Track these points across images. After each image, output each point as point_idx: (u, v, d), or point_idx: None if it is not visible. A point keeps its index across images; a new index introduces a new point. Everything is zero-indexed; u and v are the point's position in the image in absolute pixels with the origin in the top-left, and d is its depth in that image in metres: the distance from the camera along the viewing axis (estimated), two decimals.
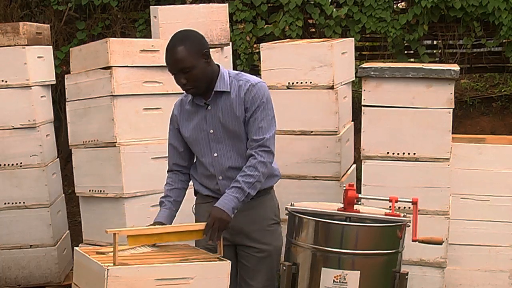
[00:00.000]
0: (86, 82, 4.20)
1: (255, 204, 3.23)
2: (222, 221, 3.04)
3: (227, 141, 3.19)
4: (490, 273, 4.22)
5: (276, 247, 3.31)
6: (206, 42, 3.14)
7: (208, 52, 3.10)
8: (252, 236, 3.27)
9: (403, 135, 3.85)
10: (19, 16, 6.88)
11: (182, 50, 3.04)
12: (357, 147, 4.37)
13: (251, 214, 3.24)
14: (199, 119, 3.20)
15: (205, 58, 3.09)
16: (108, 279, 2.88)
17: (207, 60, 3.10)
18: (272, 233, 3.30)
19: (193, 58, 3.05)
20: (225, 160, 3.19)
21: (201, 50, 3.07)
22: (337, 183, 4.34)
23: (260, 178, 3.12)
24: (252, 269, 3.30)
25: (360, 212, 3.09)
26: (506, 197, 4.16)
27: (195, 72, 3.06)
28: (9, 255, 4.79)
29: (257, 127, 3.13)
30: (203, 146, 3.23)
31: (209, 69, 3.12)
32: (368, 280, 2.95)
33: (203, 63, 3.08)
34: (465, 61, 6.77)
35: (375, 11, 6.51)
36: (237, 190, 3.08)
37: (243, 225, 3.25)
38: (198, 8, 4.96)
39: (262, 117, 3.14)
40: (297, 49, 4.40)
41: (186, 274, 3.02)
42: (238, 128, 3.16)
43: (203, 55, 3.08)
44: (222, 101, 3.16)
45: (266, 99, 3.16)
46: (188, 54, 3.04)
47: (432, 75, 3.78)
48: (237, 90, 3.15)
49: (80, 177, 4.30)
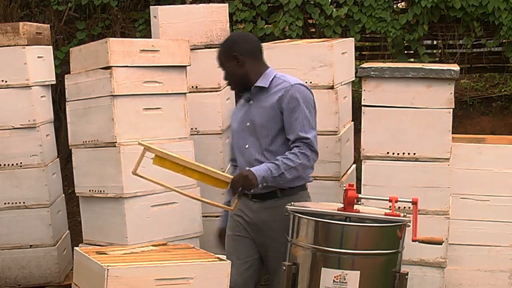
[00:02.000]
0: (86, 82, 4.20)
1: (280, 203, 3.28)
2: (248, 180, 3.22)
3: (257, 134, 3.40)
4: (490, 273, 4.22)
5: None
6: (239, 46, 3.45)
7: (237, 55, 3.41)
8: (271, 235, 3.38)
9: (403, 135, 3.85)
10: (19, 16, 6.88)
11: (220, 50, 3.50)
12: (357, 147, 4.37)
13: (275, 213, 3.34)
14: (243, 112, 3.49)
15: (234, 60, 3.41)
16: (108, 279, 2.88)
17: (238, 62, 3.41)
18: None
19: (224, 59, 3.45)
20: (254, 152, 3.38)
21: (230, 53, 3.43)
22: (337, 183, 4.34)
23: (299, 167, 3.29)
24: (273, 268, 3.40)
25: (360, 212, 3.09)
26: (506, 197, 4.16)
27: (227, 70, 3.46)
28: (9, 255, 4.79)
29: (300, 127, 3.31)
30: (241, 138, 3.48)
31: (241, 70, 3.43)
32: (368, 280, 2.95)
33: (233, 64, 3.42)
34: (465, 61, 6.78)
35: (375, 11, 6.52)
36: (273, 165, 3.26)
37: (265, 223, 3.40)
38: (198, 8, 4.96)
39: (301, 118, 3.32)
40: (297, 49, 4.41)
41: (186, 274, 3.02)
42: (267, 123, 3.37)
43: (232, 57, 3.41)
44: (261, 97, 3.42)
45: (304, 100, 3.35)
46: (221, 54, 3.47)
47: (432, 75, 3.78)
48: (275, 88, 3.40)
49: (80, 177, 4.30)
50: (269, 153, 3.37)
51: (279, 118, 3.36)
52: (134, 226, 4.08)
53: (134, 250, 3.40)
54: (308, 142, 3.31)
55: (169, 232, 4.14)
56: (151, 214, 4.15)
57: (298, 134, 3.31)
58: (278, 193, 3.40)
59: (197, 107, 4.59)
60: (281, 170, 3.25)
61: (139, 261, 3.10)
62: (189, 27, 4.77)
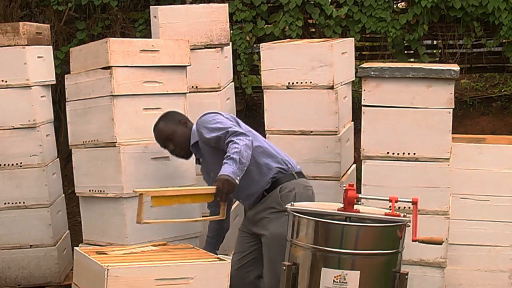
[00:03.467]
0: (86, 82, 4.19)
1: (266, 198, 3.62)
2: (230, 183, 3.37)
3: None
4: (490, 273, 4.22)
5: (272, 234, 3.54)
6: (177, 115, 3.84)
7: (183, 119, 3.80)
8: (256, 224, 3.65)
9: (403, 135, 3.85)
10: (19, 16, 6.87)
11: (162, 125, 3.79)
12: (357, 147, 4.37)
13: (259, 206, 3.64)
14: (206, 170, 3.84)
15: (181, 122, 3.76)
16: (108, 279, 2.88)
17: (185, 125, 3.76)
18: (269, 220, 3.58)
19: (171, 129, 3.76)
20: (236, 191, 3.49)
21: (176, 118, 3.79)
22: (337, 183, 4.34)
23: (243, 147, 3.46)
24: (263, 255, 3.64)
25: (360, 212, 3.09)
26: (506, 197, 4.16)
27: (176, 139, 3.76)
28: (9, 255, 4.79)
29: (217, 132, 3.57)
30: None
31: (187, 132, 3.75)
32: (368, 280, 2.95)
33: (180, 128, 3.75)
34: (465, 61, 6.77)
35: (375, 11, 6.51)
36: (228, 159, 3.44)
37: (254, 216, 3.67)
38: (198, 8, 4.95)
39: (211, 129, 3.61)
40: (297, 49, 4.40)
41: (186, 274, 3.03)
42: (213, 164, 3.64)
43: (179, 121, 3.77)
44: (201, 150, 3.73)
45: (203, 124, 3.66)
46: (166, 127, 3.77)
47: (432, 75, 3.78)
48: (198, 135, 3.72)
49: (80, 177, 4.30)
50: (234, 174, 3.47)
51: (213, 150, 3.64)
52: (134, 226, 4.06)
53: (134, 250, 3.40)
54: (230, 133, 3.52)
55: (169, 232, 4.13)
56: (151, 214, 4.13)
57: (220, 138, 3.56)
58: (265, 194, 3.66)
59: (197, 107, 4.58)
60: (237, 156, 3.41)
61: (139, 261, 3.10)
62: (189, 27, 4.77)
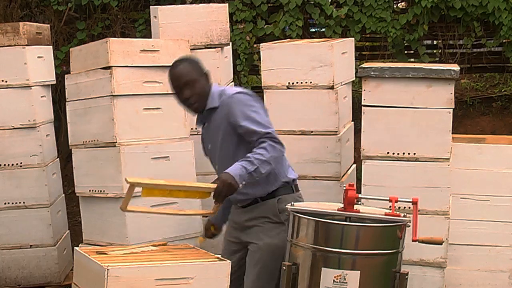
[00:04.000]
0: (86, 82, 4.20)
1: (259, 205, 3.39)
2: (231, 187, 3.15)
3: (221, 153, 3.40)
4: (490, 273, 4.22)
5: (266, 244, 3.37)
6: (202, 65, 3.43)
7: (207, 73, 3.41)
8: (247, 232, 3.42)
9: (403, 135, 3.85)
10: (19, 16, 6.87)
11: (186, 66, 3.36)
12: (357, 147, 4.37)
13: (251, 213, 3.41)
14: (203, 137, 3.53)
15: (205, 74, 3.38)
16: (108, 279, 2.88)
17: (207, 78, 3.39)
18: (263, 229, 3.39)
19: (195, 72, 3.35)
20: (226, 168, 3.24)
21: (201, 67, 3.38)
22: (337, 183, 4.34)
23: (271, 160, 3.24)
24: (248, 264, 3.41)
25: (360, 212, 3.09)
26: (506, 197, 4.16)
27: (198, 85, 3.33)
28: (9, 255, 4.79)
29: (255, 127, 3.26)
30: (211, 160, 3.54)
31: (208, 87, 3.38)
32: (368, 280, 2.95)
33: (203, 79, 3.37)
34: (465, 61, 6.78)
35: (375, 11, 6.52)
36: (246, 162, 3.19)
37: (243, 222, 3.44)
38: (198, 8, 4.96)
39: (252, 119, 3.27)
40: (297, 49, 4.40)
41: (186, 274, 3.03)
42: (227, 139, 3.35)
43: (203, 73, 3.38)
44: (213, 117, 3.40)
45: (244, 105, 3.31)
46: (191, 69, 3.35)
47: (432, 75, 3.78)
48: (221, 105, 3.37)
49: (80, 177, 4.30)
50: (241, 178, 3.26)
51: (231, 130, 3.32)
52: (134, 226, 4.08)
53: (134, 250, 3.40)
54: (269, 135, 3.26)
55: (169, 232, 4.14)
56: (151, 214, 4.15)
57: (257, 134, 3.25)
58: (259, 200, 3.40)
59: None
60: (255, 165, 3.19)
61: (139, 261, 3.10)
62: (189, 27, 4.77)
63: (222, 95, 3.37)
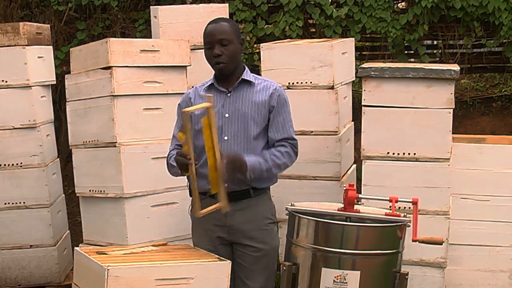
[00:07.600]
0: (86, 82, 4.20)
1: (253, 203, 3.31)
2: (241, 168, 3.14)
3: (239, 127, 3.27)
4: (490, 273, 4.22)
5: (272, 246, 3.35)
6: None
7: (244, 41, 3.30)
8: (249, 235, 3.32)
9: (403, 135, 3.85)
10: (19, 16, 6.88)
11: (227, 25, 3.29)
12: (357, 147, 4.37)
13: (248, 213, 3.31)
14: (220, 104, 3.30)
15: (241, 41, 3.31)
16: (108, 279, 2.88)
17: (242, 47, 3.33)
18: (269, 232, 3.34)
19: (234, 35, 3.27)
20: (234, 145, 3.24)
21: (240, 34, 3.32)
22: (337, 183, 4.34)
23: (282, 166, 3.28)
24: (249, 268, 3.34)
25: (360, 212, 3.09)
26: (506, 197, 4.16)
27: (231, 47, 3.25)
28: (9, 255, 4.79)
29: (287, 127, 3.30)
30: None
31: (240, 55, 3.34)
32: (368, 280, 2.95)
33: (239, 45, 3.29)
34: (465, 61, 6.77)
35: (375, 11, 6.51)
36: (263, 160, 3.21)
37: (240, 224, 3.31)
38: (198, 8, 4.96)
39: (288, 119, 3.32)
40: (297, 49, 4.40)
41: (186, 274, 3.02)
42: (258, 118, 3.28)
43: (240, 38, 3.31)
44: (245, 91, 3.31)
45: (288, 103, 3.35)
46: (231, 30, 3.27)
47: (432, 75, 3.78)
48: (260, 85, 3.32)
49: (80, 177, 4.30)
50: (250, 147, 3.26)
51: (266, 116, 3.29)
52: (134, 226, 4.08)
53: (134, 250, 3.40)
54: (294, 143, 3.32)
55: (169, 232, 4.14)
56: (151, 214, 4.15)
57: (286, 134, 3.29)
58: (251, 192, 3.30)
59: None
60: (269, 165, 3.22)
61: (139, 261, 3.10)
62: (189, 27, 4.77)
63: (260, 78, 3.38)
